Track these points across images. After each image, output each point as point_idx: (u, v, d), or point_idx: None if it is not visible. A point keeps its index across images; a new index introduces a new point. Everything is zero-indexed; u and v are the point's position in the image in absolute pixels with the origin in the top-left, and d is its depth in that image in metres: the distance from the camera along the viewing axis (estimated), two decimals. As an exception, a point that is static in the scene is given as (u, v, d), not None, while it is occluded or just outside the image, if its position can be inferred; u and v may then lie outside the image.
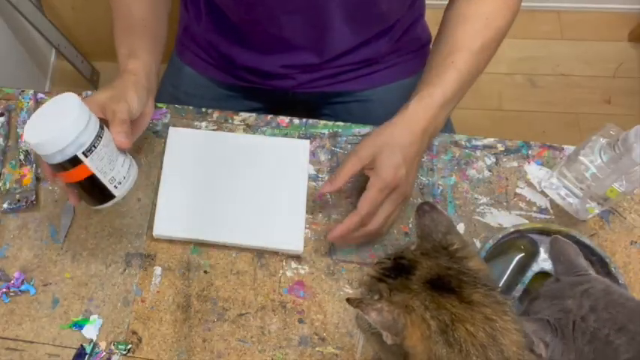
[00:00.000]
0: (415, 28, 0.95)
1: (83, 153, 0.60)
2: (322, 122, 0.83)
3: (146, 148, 0.81)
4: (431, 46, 0.82)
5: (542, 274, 0.71)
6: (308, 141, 0.80)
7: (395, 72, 0.95)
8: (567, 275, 0.58)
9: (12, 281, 0.73)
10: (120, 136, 0.63)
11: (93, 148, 0.60)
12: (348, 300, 0.48)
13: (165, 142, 0.80)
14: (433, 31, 0.83)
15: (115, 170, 0.63)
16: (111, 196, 0.64)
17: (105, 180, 0.63)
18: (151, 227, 0.75)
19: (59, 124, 0.59)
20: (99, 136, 0.61)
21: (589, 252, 0.69)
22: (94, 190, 0.64)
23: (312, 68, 0.90)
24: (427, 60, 0.79)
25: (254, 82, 0.95)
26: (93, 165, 0.61)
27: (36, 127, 0.61)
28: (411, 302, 0.47)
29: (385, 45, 0.91)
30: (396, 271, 0.50)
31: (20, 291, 0.73)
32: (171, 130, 0.81)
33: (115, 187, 0.64)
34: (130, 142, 0.64)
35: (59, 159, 0.59)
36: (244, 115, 0.84)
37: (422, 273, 0.49)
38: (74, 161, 0.60)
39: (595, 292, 0.54)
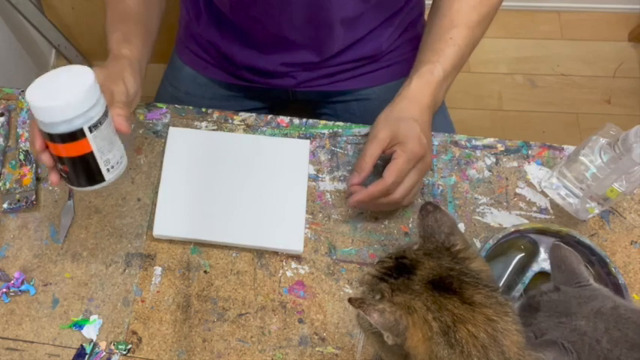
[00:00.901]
0: (415, 26, 0.95)
1: (89, 128, 0.56)
2: (322, 122, 0.83)
3: (146, 148, 0.81)
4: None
5: (542, 274, 0.71)
6: (308, 141, 0.80)
7: (395, 70, 0.95)
8: (568, 285, 0.57)
9: (12, 281, 0.73)
10: (120, 119, 0.61)
11: (99, 125, 0.57)
12: (349, 300, 0.48)
13: (165, 142, 0.80)
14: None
15: (111, 153, 0.60)
16: (101, 179, 0.61)
17: (101, 160, 0.60)
18: (150, 227, 0.75)
19: (72, 92, 0.55)
20: (105, 114, 0.58)
21: (589, 252, 0.69)
22: (86, 170, 0.60)
23: (312, 66, 0.90)
24: (423, 35, 0.80)
25: (254, 80, 0.95)
26: (94, 142, 0.58)
27: (44, 90, 0.56)
28: (413, 303, 0.47)
29: (385, 43, 0.91)
30: (398, 271, 0.50)
31: (20, 291, 0.73)
32: (171, 130, 0.81)
33: (108, 170, 0.61)
34: (129, 127, 0.63)
35: (63, 129, 0.56)
36: (244, 115, 0.84)
37: (424, 273, 0.49)
38: (77, 135, 0.56)
39: (606, 310, 0.53)
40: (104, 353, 0.69)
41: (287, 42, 0.86)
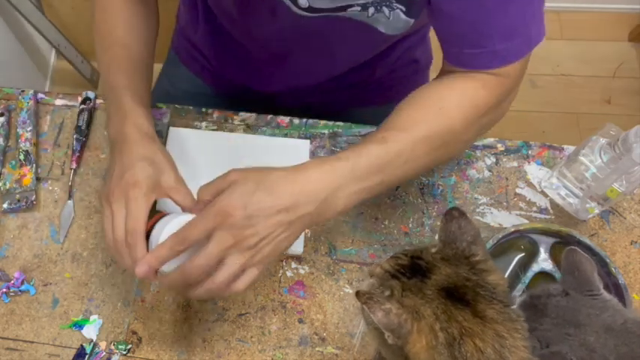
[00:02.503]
0: (414, 51, 0.92)
1: None
2: (322, 122, 0.83)
3: (146, 148, 0.81)
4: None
5: (542, 274, 0.71)
6: (308, 141, 0.80)
7: (387, 93, 0.92)
8: (578, 292, 0.55)
9: (12, 281, 0.73)
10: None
11: None
12: (357, 293, 0.47)
13: (165, 142, 0.80)
14: (436, 51, 0.79)
15: None
16: None
17: None
18: (151, 227, 0.75)
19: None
20: None
21: (589, 252, 0.69)
22: None
23: (306, 90, 0.89)
24: None
25: (248, 97, 0.94)
26: None
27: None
28: (422, 309, 0.46)
29: (380, 69, 0.89)
30: (412, 271, 0.49)
31: (20, 291, 0.73)
32: (172, 130, 0.81)
33: None
34: None
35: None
36: (244, 115, 0.83)
37: (438, 279, 0.48)
38: None
39: (616, 327, 0.53)
40: (104, 353, 0.69)
41: (284, 64, 0.84)
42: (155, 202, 0.61)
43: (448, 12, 0.60)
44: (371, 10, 0.65)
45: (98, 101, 0.84)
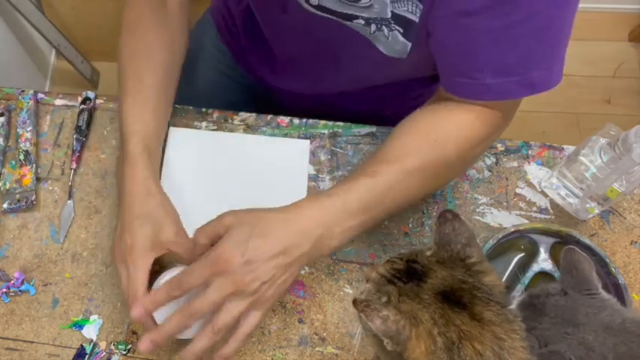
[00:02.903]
0: (424, 95, 0.91)
1: None
2: (322, 122, 0.83)
3: (146, 148, 0.81)
4: None
5: (542, 274, 0.71)
6: (308, 141, 0.80)
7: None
8: (577, 291, 0.55)
9: (12, 281, 0.73)
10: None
11: None
12: (354, 302, 0.47)
13: (165, 142, 0.80)
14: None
15: None
16: None
17: None
18: (151, 227, 0.75)
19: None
20: None
21: (589, 252, 0.69)
22: None
23: (313, 97, 0.89)
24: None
25: (260, 87, 0.94)
26: None
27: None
28: (420, 314, 0.46)
29: (384, 105, 0.89)
30: (408, 275, 0.49)
31: (20, 291, 0.73)
32: (171, 130, 0.81)
33: None
34: None
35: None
36: (244, 115, 0.83)
37: (435, 282, 0.48)
38: None
39: (615, 326, 0.53)
40: (104, 353, 0.69)
41: (293, 65, 0.85)
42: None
43: (441, 40, 0.61)
44: (373, 26, 0.66)
45: (98, 101, 0.84)
